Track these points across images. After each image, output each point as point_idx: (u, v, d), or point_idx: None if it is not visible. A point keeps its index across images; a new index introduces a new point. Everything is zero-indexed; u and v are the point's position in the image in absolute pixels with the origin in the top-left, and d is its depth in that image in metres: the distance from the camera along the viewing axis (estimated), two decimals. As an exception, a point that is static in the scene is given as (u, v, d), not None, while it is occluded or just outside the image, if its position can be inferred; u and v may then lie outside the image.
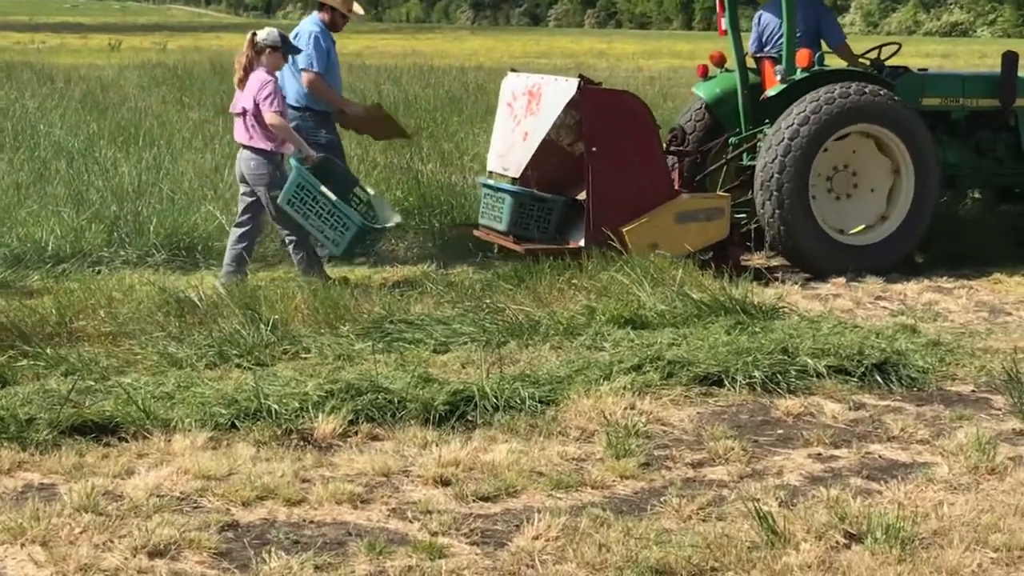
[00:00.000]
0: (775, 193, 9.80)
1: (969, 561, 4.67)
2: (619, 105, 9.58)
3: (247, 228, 9.30)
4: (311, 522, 5.08)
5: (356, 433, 6.07)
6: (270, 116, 8.92)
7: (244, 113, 9.09)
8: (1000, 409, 6.64)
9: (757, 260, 10.22)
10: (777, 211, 9.82)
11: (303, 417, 6.10)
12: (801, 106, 9.86)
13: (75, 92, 21.36)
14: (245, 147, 9.19)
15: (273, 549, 4.76)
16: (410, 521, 5.09)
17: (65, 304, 7.83)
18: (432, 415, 6.21)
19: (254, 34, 9.22)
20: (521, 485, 5.44)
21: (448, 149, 15.19)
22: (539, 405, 6.42)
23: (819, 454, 5.95)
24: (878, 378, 6.99)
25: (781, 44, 10.42)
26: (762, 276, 9.30)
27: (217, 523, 5.00)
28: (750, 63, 10.97)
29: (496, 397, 6.38)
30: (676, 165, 10.53)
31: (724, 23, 10.99)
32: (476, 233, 10.09)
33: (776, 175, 9.79)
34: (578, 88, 9.39)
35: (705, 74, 11.27)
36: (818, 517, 5.01)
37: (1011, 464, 5.74)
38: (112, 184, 11.53)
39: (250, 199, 9.28)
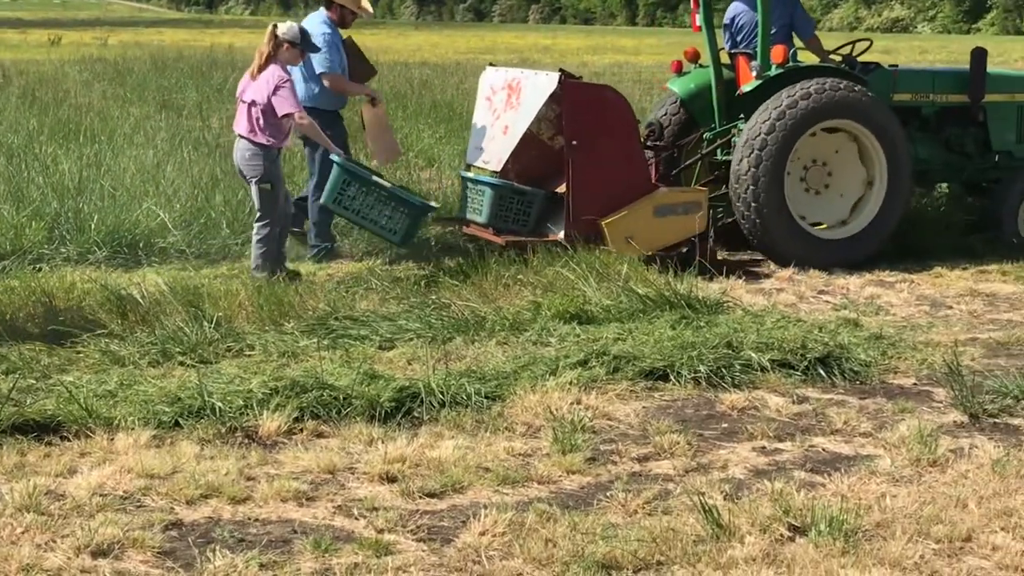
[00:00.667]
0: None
1: (911, 553, 4.71)
2: (599, 99, 9.68)
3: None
4: (256, 520, 5.05)
5: (301, 430, 6.04)
6: (300, 121, 9.09)
7: (252, 104, 9.11)
8: (941, 402, 6.70)
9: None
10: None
11: (247, 415, 6.07)
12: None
13: (14, 88, 21.12)
14: (243, 138, 9.21)
15: (218, 548, 4.73)
16: (356, 518, 5.07)
17: (5, 302, 7.74)
18: (378, 412, 6.20)
19: (275, 27, 9.25)
20: (467, 481, 5.44)
21: (393, 145, 15.11)
22: (485, 401, 6.42)
23: (763, 447, 5.99)
24: (821, 372, 7.05)
25: (755, 40, 10.53)
26: (706, 271, 9.35)
27: (161, 522, 4.97)
28: (724, 59, 11.07)
29: (442, 393, 6.37)
30: (653, 160, 10.62)
31: (698, 19, 11.07)
32: (466, 230, 10.17)
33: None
34: (559, 82, 9.48)
35: (679, 70, 11.37)
36: (762, 510, 5.05)
37: (952, 456, 5.80)
38: (52, 181, 11.41)
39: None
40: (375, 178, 9.09)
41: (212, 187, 11.41)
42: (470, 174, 10.22)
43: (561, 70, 9.70)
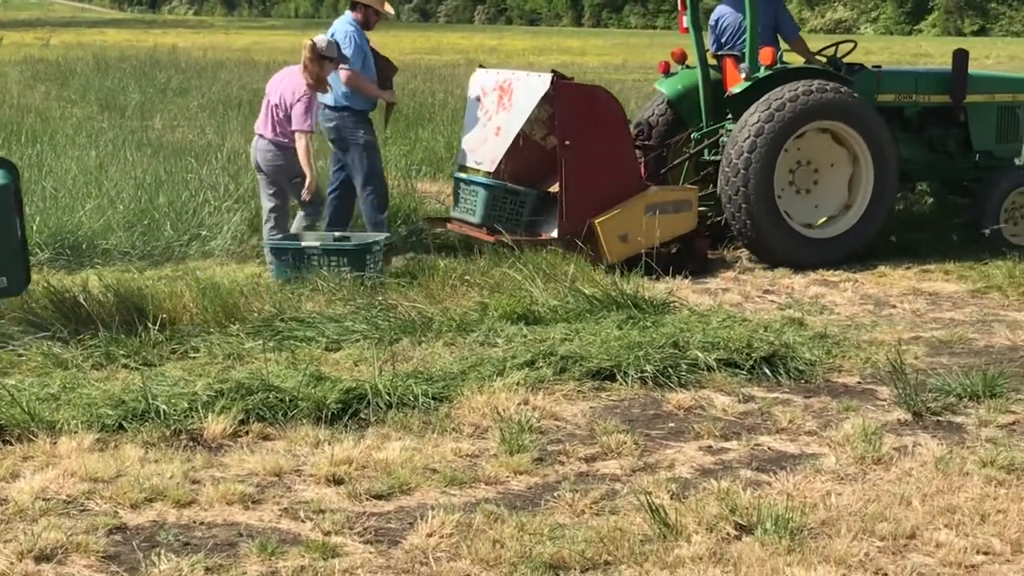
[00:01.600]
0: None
1: (856, 550, 4.74)
2: (591, 100, 9.76)
3: (277, 217, 9.54)
4: (201, 523, 5.02)
5: (247, 433, 6.01)
6: (299, 137, 9.21)
7: (276, 107, 9.32)
8: (885, 400, 6.76)
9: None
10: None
11: (192, 417, 6.03)
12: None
13: (-46, 88, 20.88)
14: (263, 138, 9.41)
15: (163, 551, 4.69)
16: (302, 521, 5.05)
17: (-55, 305, 7.64)
18: (324, 414, 6.17)
19: (315, 44, 9.38)
20: (415, 482, 5.43)
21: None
22: (432, 402, 6.41)
23: (710, 446, 6.02)
24: (767, 371, 7.09)
25: (740, 42, 10.65)
26: (652, 271, 9.38)
27: (105, 526, 4.92)
28: (711, 60, 11.20)
29: (389, 395, 6.36)
30: (642, 159, 10.70)
31: (686, 21, 11.22)
32: (450, 227, 10.20)
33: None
34: (551, 83, 9.58)
35: (667, 71, 11.53)
36: (709, 509, 5.07)
37: (896, 454, 5.85)
38: (-7, 182, 11.25)
39: (268, 183, 9.51)
40: (305, 243, 9.05)
41: (156, 188, 11.33)
42: (463, 175, 10.30)
43: (553, 71, 9.80)
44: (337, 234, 9.44)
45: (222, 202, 10.89)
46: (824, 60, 11.02)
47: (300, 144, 9.24)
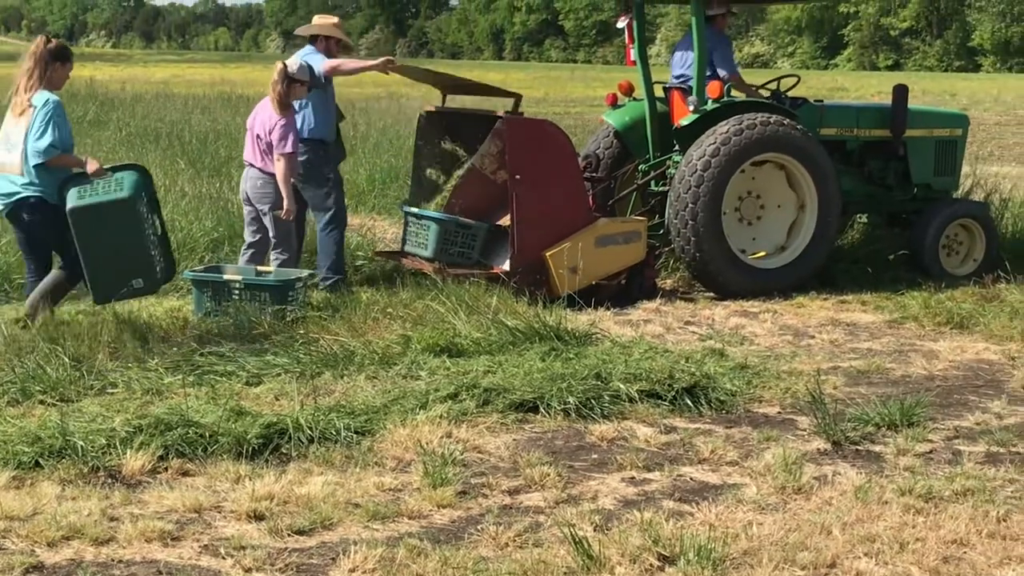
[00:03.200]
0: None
1: (778, 579, 4.77)
2: (540, 133, 9.84)
3: (254, 253, 9.67)
4: (120, 561, 4.94)
5: (166, 469, 5.93)
6: (279, 160, 9.28)
7: (258, 137, 9.41)
8: (805, 430, 6.82)
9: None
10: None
11: (110, 454, 5.95)
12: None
13: None
14: (253, 167, 9.49)
15: (80, 591, 4.61)
16: (223, 557, 4.99)
17: None
18: (245, 449, 6.11)
19: (286, 65, 9.47)
20: (337, 517, 5.38)
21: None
22: (355, 436, 6.37)
23: (632, 478, 6.03)
24: (688, 401, 7.13)
25: (689, 76, 10.79)
26: (575, 302, 9.42)
27: (21, 565, 4.83)
28: (658, 92, 11.37)
29: (311, 429, 6.31)
30: (590, 191, 10.76)
31: (633, 54, 11.43)
32: (405, 262, 10.20)
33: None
34: (501, 118, 9.67)
35: (615, 103, 11.67)
36: (632, 540, 5.07)
37: (816, 483, 5.90)
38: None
39: (253, 217, 9.64)
40: (227, 276, 9.03)
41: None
42: (413, 209, 10.35)
43: (507, 111, 9.93)
44: (259, 268, 9.39)
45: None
46: (768, 94, 11.18)
47: (279, 166, 9.27)
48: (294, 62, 9.63)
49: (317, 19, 10.71)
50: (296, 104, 9.66)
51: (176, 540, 5.16)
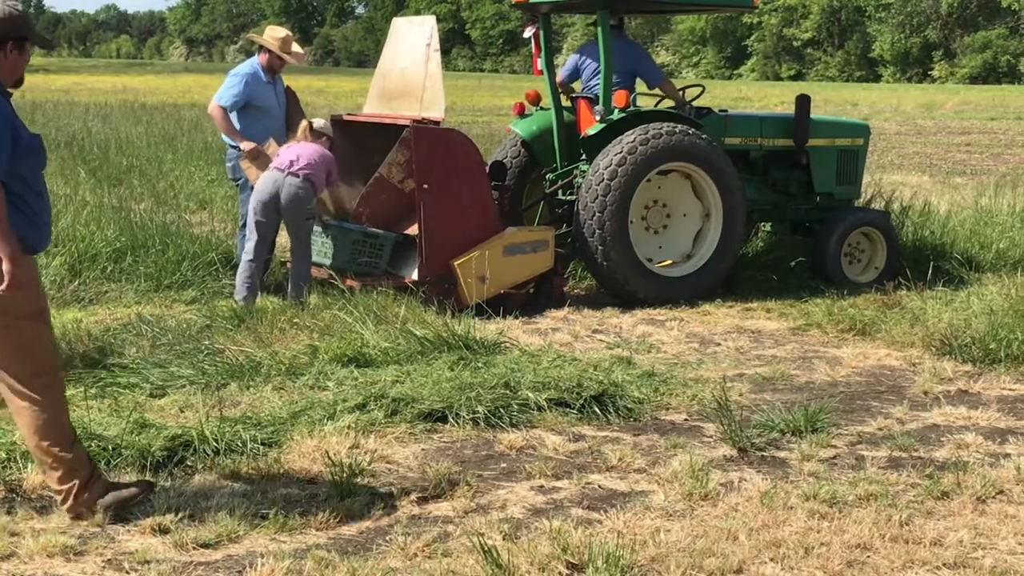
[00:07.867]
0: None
1: (686, 585, 4.80)
2: (448, 143, 9.78)
3: (259, 265, 9.78)
4: (21, 578, 4.85)
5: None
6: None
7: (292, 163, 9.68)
8: (712, 436, 6.87)
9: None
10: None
11: (11, 468, 5.84)
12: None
13: None
14: (290, 173, 9.59)
15: (-21, 609, 4.52)
16: (127, 572, 4.91)
17: None
18: (149, 461, 6.02)
19: (311, 123, 9.88)
20: (243, 530, 5.33)
21: (162, 187, 14.88)
22: (261, 448, 6.31)
23: (541, 486, 6.04)
24: (596, 409, 7.16)
25: (596, 85, 10.80)
26: (484, 311, 9.41)
27: (-83, 584, 4.73)
28: (565, 102, 11.38)
29: (217, 441, 6.24)
30: (497, 199, 10.71)
31: (540, 63, 11.46)
32: (315, 273, 10.07)
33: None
34: (409, 127, 9.63)
35: (522, 112, 11.72)
36: (541, 549, 5.08)
37: (723, 490, 5.95)
38: None
39: (267, 230, 9.80)
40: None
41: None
42: (325, 218, 10.36)
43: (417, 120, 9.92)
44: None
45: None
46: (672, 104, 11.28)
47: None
48: (320, 121, 10.06)
49: (268, 30, 10.68)
50: (234, 116, 9.94)
51: (79, 555, 5.07)
